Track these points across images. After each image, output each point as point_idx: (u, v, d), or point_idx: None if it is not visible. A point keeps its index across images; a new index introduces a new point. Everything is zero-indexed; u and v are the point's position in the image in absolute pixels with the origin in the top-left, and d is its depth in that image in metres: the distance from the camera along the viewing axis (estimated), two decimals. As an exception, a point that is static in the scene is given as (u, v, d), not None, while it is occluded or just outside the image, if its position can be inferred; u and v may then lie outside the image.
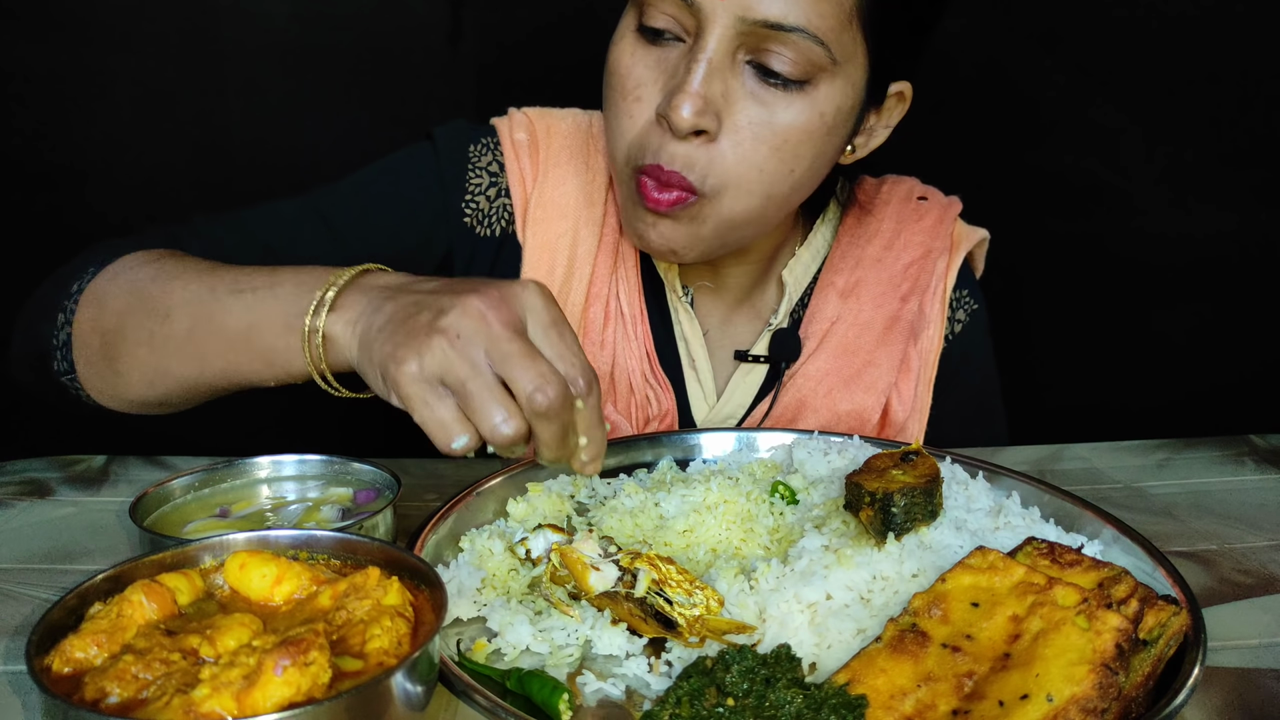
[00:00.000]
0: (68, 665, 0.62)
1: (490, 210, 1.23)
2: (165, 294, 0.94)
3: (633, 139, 1.06)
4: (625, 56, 1.06)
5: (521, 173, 1.23)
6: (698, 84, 1.00)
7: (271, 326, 0.87)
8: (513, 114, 1.27)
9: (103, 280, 1.00)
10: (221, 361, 0.91)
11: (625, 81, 1.06)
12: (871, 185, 1.34)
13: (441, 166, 1.22)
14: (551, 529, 0.86)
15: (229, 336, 0.90)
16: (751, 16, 0.98)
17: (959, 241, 1.31)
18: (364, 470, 0.95)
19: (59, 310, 1.00)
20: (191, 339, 0.92)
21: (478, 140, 1.24)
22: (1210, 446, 1.22)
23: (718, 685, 0.67)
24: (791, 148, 1.05)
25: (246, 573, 0.71)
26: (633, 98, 1.06)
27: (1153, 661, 0.71)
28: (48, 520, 1.00)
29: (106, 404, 1.02)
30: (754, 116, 1.03)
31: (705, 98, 1.00)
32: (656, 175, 1.04)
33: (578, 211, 1.23)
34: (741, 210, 1.07)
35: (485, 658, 0.77)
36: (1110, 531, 0.91)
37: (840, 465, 1.00)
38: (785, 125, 1.03)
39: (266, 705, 0.57)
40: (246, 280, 0.91)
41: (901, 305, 1.28)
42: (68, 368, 1.01)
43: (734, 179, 1.04)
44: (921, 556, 0.81)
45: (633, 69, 1.06)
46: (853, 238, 1.30)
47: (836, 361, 1.25)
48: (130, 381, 0.97)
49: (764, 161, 1.04)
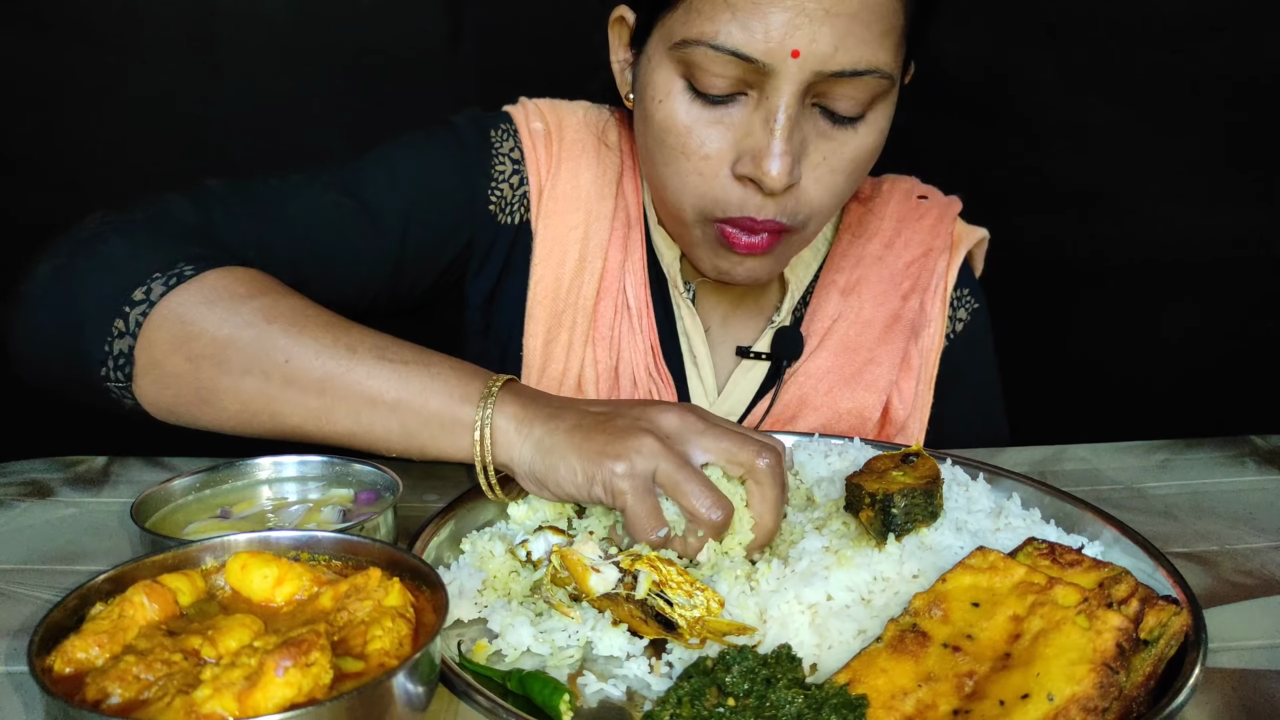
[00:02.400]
0: (69, 666, 0.62)
1: (513, 198, 1.22)
2: (289, 337, 0.92)
3: (707, 193, 1.06)
4: (680, 116, 1.04)
5: (538, 162, 1.22)
6: (783, 145, 1.00)
7: (426, 403, 0.90)
8: (525, 103, 1.26)
9: (192, 301, 0.93)
10: (350, 421, 0.92)
11: (688, 141, 1.05)
12: (871, 184, 1.35)
13: (468, 151, 1.21)
14: (552, 531, 0.86)
15: (369, 399, 0.90)
16: (827, 69, 0.98)
17: (959, 241, 1.32)
18: (365, 471, 0.95)
19: (115, 315, 0.93)
20: (319, 391, 0.91)
21: (497, 126, 1.23)
22: (1211, 447, 1.22)
23: (718, 686, 0.67)
24: (861, 168, 1.09)
25: (248, 573, 0.71)
26: (699, 156, 1.05)
27: (1153, 661, 0.71)
28: (48, 521, 1.00)
29: (159, 416, 0.98)
30: (828, 152, 1.05)
31: (792, 154, 1.01)
32: (748, 226, 1.06)
33: (589, 205, 1.22)
34: (817, 229, 1.13)
35: (486, 659, 0.77)
36: (1111, 532, 0.91)
37: (840, 467, 1.00)
38: (855, 152, 1.06)
39: (268, 706, 0.57)
40: (393, 351, 0.92)
41: (902, 303, 1.28)
42: (122, 379, 0.95)
43: (818, 209, 1.08)
44: (922, 557, 0.81)
45: (694, 129, 1.04)
46: (853, 236, 1.31)
47: (838, 359, 1.25)
48: (223, 411, 0.94)
49: (841, 187, 1.08)
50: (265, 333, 0.92)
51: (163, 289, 0.93)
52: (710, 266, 1.14)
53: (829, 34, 0.96)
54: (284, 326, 0.92)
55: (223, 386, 0.93)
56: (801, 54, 0.97)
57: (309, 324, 0.93)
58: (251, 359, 0.92)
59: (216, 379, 0.93)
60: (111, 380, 0.95)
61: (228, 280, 0.95)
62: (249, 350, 0.92)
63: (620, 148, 1.26)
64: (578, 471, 0.85)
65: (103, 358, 0.94)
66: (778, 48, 0.97)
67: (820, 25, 0.96)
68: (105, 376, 0.95)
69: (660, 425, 0.87)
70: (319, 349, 0.92)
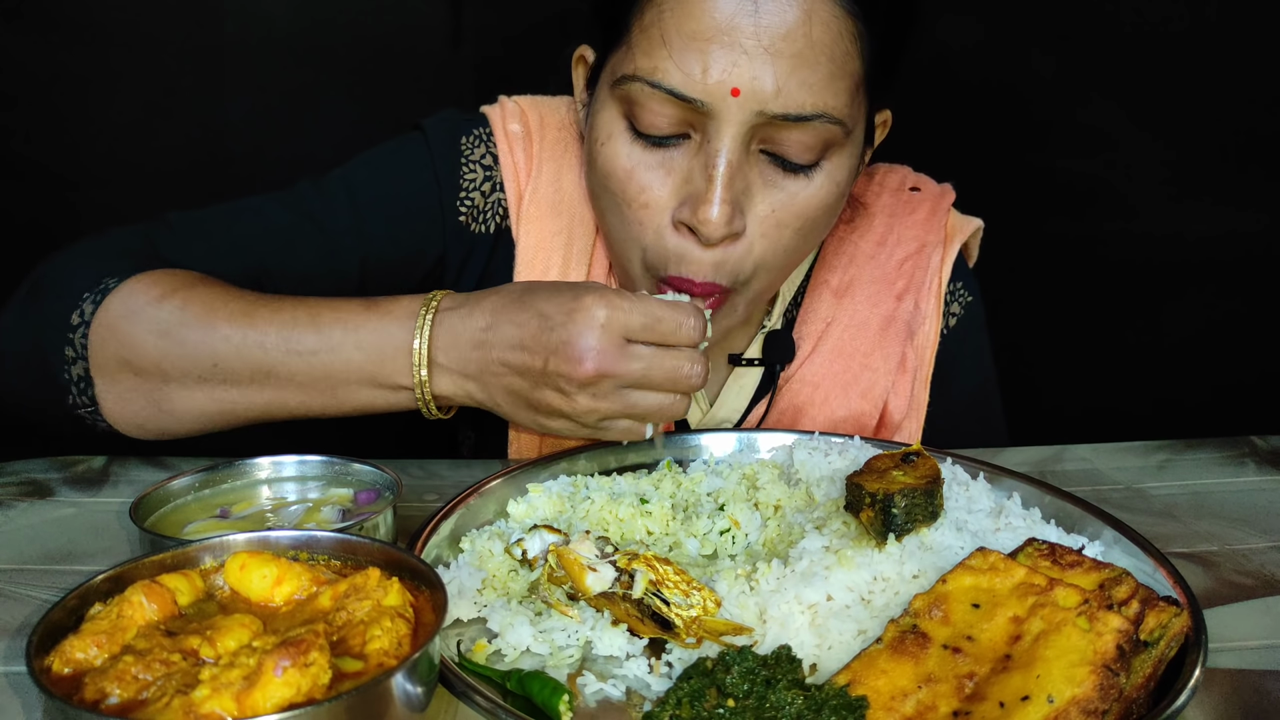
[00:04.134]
0: (68, 666, 0.62)
1: (485, 206, 1.19)
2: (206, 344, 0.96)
3: (649, 245, 1.03)
4: (621, 160, 1.01)
5: (516, 166, 1.19)
6: (722, 191, 0.96)
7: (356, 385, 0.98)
8: (504, 102, 1.23)
9: (116, 315, 0.97)
10: (298, 402, 0.99)
11: (627, 188, 1.01)
12: (862, 177, 1.30)
13: (435, 163, 1.17)
14: (548, 530, 0.86)
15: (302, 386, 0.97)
16: (770, 110, 0.94)
17: (953, 233, 1.28)
18: (364, 471, 0.94)
19: (63, 344, 0.97)
20: (258, 387, 0.97)
21: (469, 132, 1.20)
22: (1211, 448, 1.22)
23: (718, 686, 0.67)
24: (813, 223, 1.04)
25: (247, 573, 0.71)
26: (639, 204, 1.01)
27: (1154, 662, 0.71)
28: (48, 521, 1.00)
29: (135, 434, 1.02)
30: (775, 203, 1.00)
31: (732, 202, 0.97)
32: (687, 289, 1.02)
33: (572, 209, 1.19)
34: (768, 287, 1.09)
35: (485, 658, 0.77)
36: (1111, 533, 0.91)
37: (841, 466, 1.00)
38: (804, 204, 1.01)
39: (266, 706, 0.57)
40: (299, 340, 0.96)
41: (897, 303, 1.25)
42: (88, 402, 0.99)
43: (763, 266, 1.04)
44: (922, 557, 0.81)
45: (633, 173, 1.01)
46: (845, 233, 1.27)
47: (833, 365, 1.23)
48: (182, 420, 1.00)
49: (789, 243, 1.03)
50: (183, 339, 0.96)
51: (92, 307, 0.97)
52: None
53: (770, 73, 0.93)
54: (197, 328, 0.96)
55: (172, 397, 0.98)
56: (742, 93, 0.93)
57: (218, 320, 0.96)
58: (184, 368, 0.96)
59: (164, 390, 0.98)
60: (80, 407, 0.99)
61: (144, 284, 0.99)
62: (177, 359, 0.96)
63: None
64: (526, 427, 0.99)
65: (65, 385, 0.98)
66: (716, 86, 0.93)
67: (761, 64, 0.92)
68: (73, 404, 0.99)
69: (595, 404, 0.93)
70: (234, 348, 0.96)
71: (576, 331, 0.89)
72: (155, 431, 1.02)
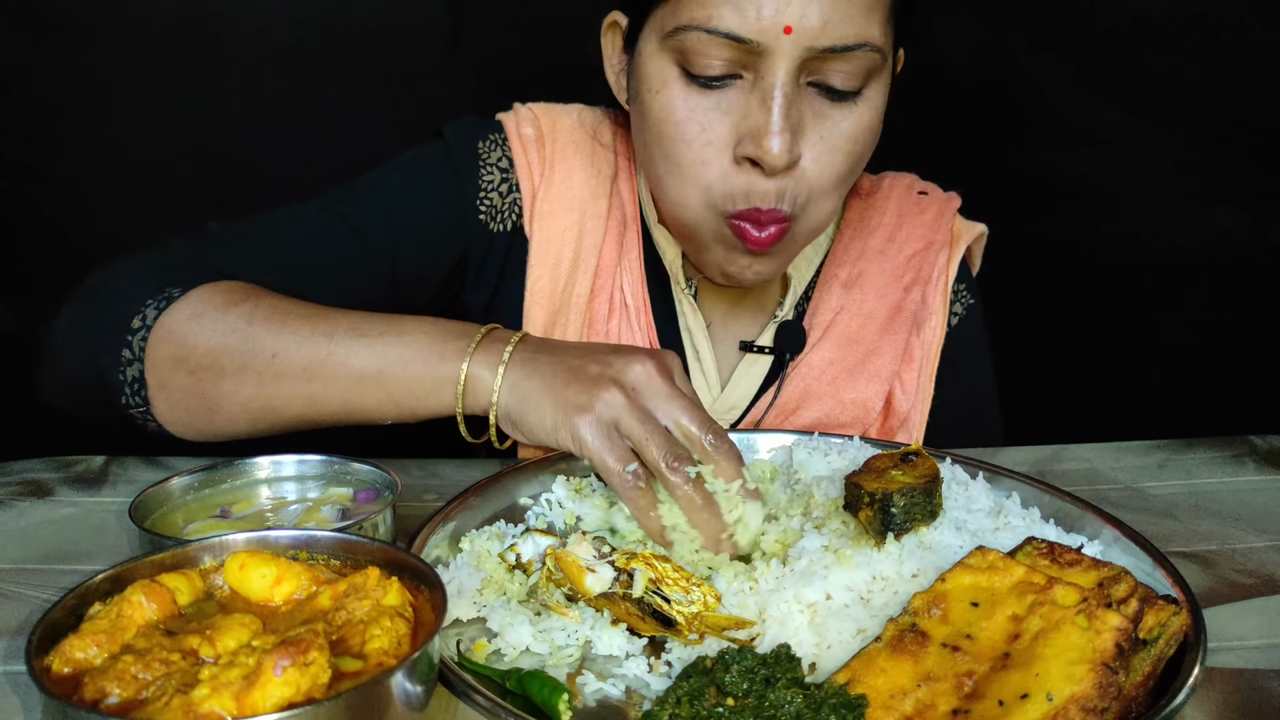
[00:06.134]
0: (67, 665, 0.62)
1: (503, 206, 1.24)
2: (271, 335, 0.99)
3: (714, 184, 1.06)
4: (679, 105, 1.05)
5: (529, 167, 1.24)
6: (781, 121, 1.01)
7: (406, 369, 0.96)
8: (518, 109, 1.28)
9: (181, 319, 1.01)
10: (341, 401, 0.98)
11: (688, 130, 1.05)
12: (871, 180, 1.36)
13: (457, 167, 1.23)
14: (540, 533, 0.87)
15: (354, 378, 0.97)
16: (819, 45, 0.99)
17: (959, 236, 1.33)
18: (364, 470, 0.94)
19: (121, 346, 1.01)
20: (309, 380, 0.98)
21: (486, 136, 1.25)
22: (1210, 447, 1.22)
23: (717, 685, 0.67)
24: (861, 148, 1.08)
25: (246, 573, 0.71)
26: (701, 143, 1.05)
27: (1153, 661, 0.71)
28: (47, 520, 1.00)
29: (185, 435, 1.05)
30: (825, 131, 1.05)
31: (790, 131, 1.01)
32: (755, 218, 1.06)
33: (583, 205, 1.24)
34: (824, 216, 1.12)
35: (485, 658, 0.77)
36: (1110, 532, 0.91)
37: (840, 465, 1.00)
38: (853, 131, 1.06)
39: (266, 705, 0.57)
40: (367, 326, 0.98)
41: (904, 295, 1.29)
42: (140, 403, 1.02)
43: (818, 191, 1.07)
44: (921, 557, 0.81)
45: (692, 116, 1.05)
46: (855, 231, 1.32)
47: (840, 351, 1.26)
48: (231, 418, 1.01)
49: (841, 168, 1.07)
50: (250, 335, 0.99)
51: (155, 313, 1.02)
52: (718, 272, 1.15)
53: (817, 9, 0.99)
54: (265, 326, 0.99)
55: (224, 393, 1.00)
56: (794, 30, 0.98)
57: (289, 319, 1.00)
58: (243, 361, 0.99)
59: (217, 386, 1.00)
60: (132, 407, 1.03)
61: (210, 293, 1.03)
62: (238, 354, 0.99)
63: (615, 148, 1.27)
64: (547, 418, 0.91)
65: (119, 386, 1.02)
66: (770, 26, 0.98)
67: (809, 2, 0.98)
68: (126, 404, 1.03)
69: (627, 378, 0.91)
70: (299, 340, 0.98)
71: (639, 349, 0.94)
72: (201, 430, 1.04)
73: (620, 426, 0.89)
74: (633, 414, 0.88)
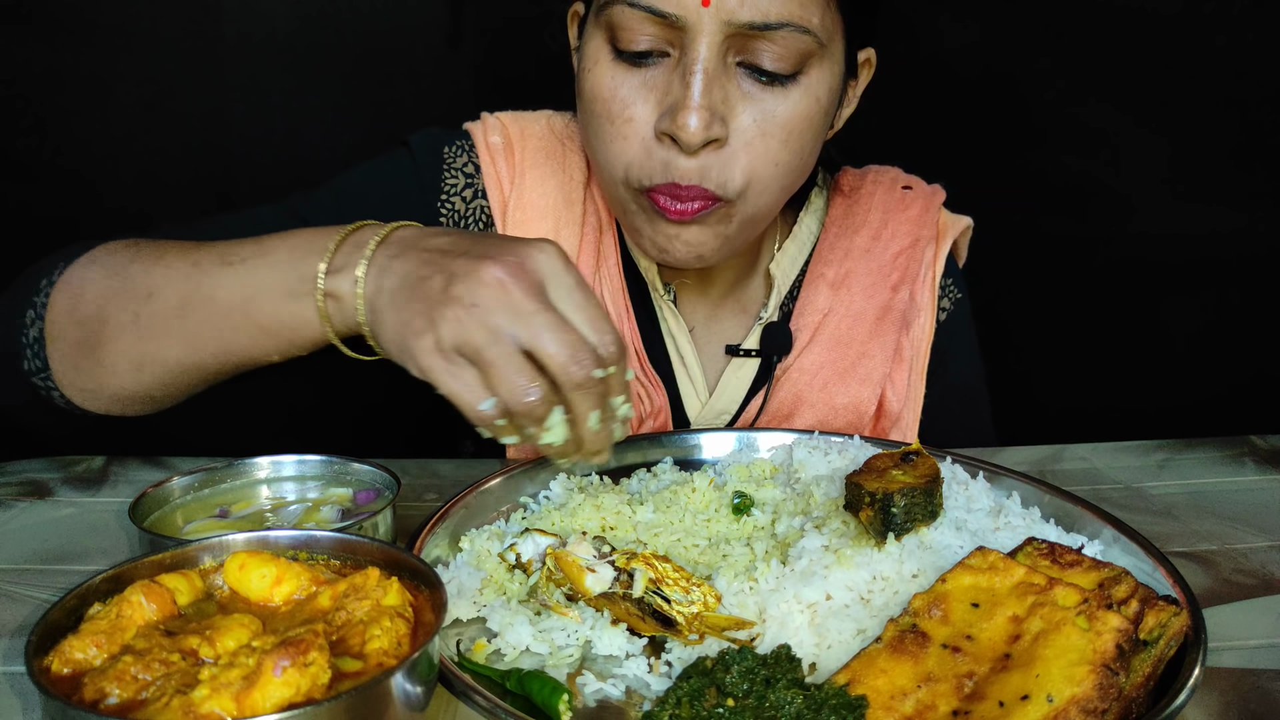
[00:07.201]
0: (67, 666, 0.61)
1: (466, 211, 1.23)
2: (147, 273, 0.95)
3: (631, 160, 1.05)
4: (605, 81, 1.04)
5: (498, 175, 1.23)
6: (699, 96, 0.99)
7: (270, 294, 0.89)
8: (485, 118, 1.27)
9: (76, 269, 0.99)
10: (216, 339, 0.93)
11: (611, 105, 1.04)
12: (855, 176, 1.35)
13: (418, 169, 1.23)
14: (540, 533, 0.87)
15: (223, 310, 0.91)
16: (738, 20, 0.98)
17: (945, 230, 1.32)
18: (363, 470, 0.94)
19: (28, 307, 1.00)
20: (181, 317, 0.93)
21: (452, 143, 1.25)
22: (1210, 447, 1.22)
23: (718, 686, 0.66)
24: (798, 137, 1.06)
25: (246, 573, 0.71)
26: (622, 119, 1.04)
27: (1153, 662, 0.71)
28: (47, 521, 1.00)
29: (83, 403, 1.00)
30: (757, 114, 1.03)
31: (709, 108, 1.00)
32: (673, 193, 1.04)
33: (557, 212, 1.22)
34: (765, 206, 1.09)
35: (485, 658, 0.77)
36: (1110, 532, 0.91)
37: (840, 465, 1.00)
38: (787, 117, 1.04)
39: (266, 706, 0.57)
40: (234, 252, 0.92)
41: (892, 294, 1.28)
42: (40, 365, 0.99)
43: (753, 177, 1.05)
44: (922, 557, 0.81)
45: (617, 92, 1.04)
46: (840, 228, 1.30)
47: (830, 354, 1.25)
48: (116, 370, 0.97)
49: (776, 155, 1.05)
50: (129, 275, 0.95)
51: (60, 272, 1.00)
52: (650, 244, 1.11)
53: None
54: (143, 264, 0.96)
55: (106, 339, 0.96)
56: (711, 3, 0.97)
57: (166, 254, 0.96)
58: (122, 304, 0.95)
59: (100, 334, 0.96)
60: (34, 373, 0.99)
61: (113, 244, 1.00)
62: (118, 296, 0.95)
63: (585, 153, 1.25)
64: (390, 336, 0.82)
65: (21, 350, 0.99)
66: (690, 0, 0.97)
67: None
68: (29, 370, 1.00)
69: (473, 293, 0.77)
70: (171, 275, 0.94)
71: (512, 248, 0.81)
72: (94, 391, 0.99)
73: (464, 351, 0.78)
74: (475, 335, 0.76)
